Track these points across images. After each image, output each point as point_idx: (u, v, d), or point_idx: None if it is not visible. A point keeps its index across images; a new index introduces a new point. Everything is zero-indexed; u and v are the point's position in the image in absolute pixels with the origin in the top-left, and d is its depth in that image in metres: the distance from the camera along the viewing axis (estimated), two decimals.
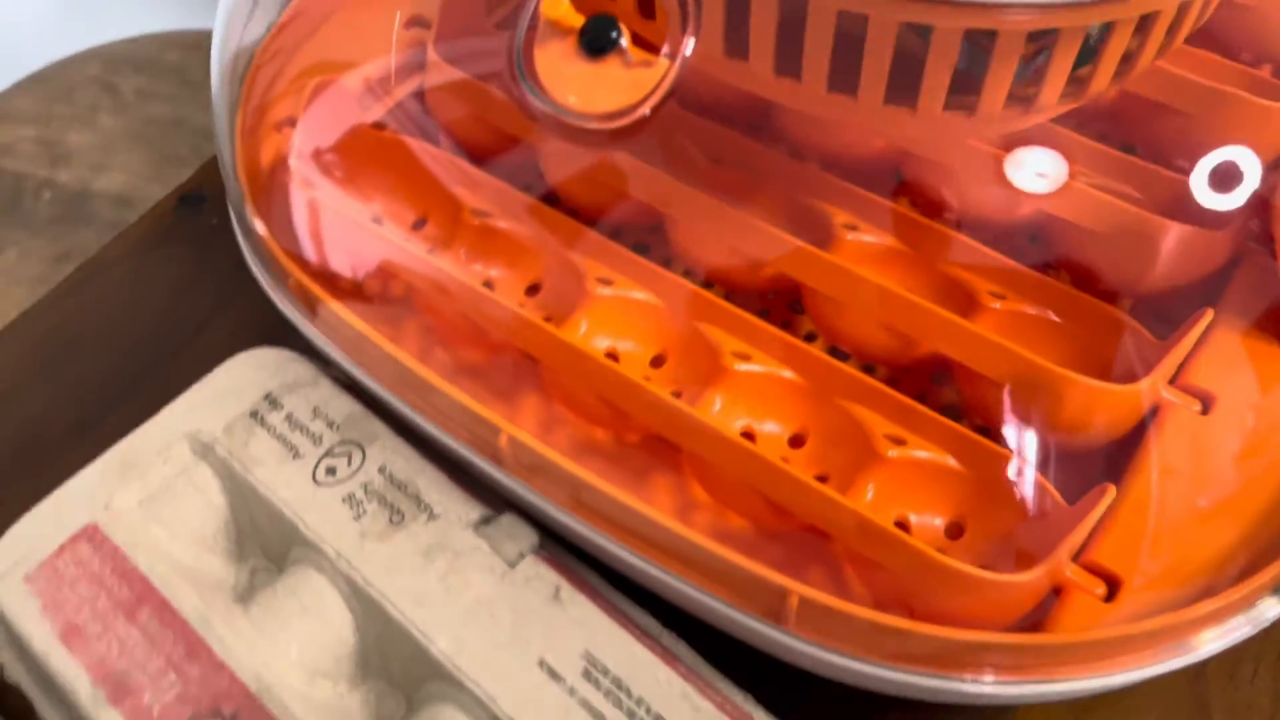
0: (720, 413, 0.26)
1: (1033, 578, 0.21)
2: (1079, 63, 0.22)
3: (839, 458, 0.26)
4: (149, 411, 0.27)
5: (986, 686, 0.21)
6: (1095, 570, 0.22)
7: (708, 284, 0.29)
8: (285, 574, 0.24)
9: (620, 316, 0.28)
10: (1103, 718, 0.26)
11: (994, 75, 0.22)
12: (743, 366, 0.27)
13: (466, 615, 0.22)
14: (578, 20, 0.21)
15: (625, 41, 0.20)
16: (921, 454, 0.25)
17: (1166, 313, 0.26)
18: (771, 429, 0.27)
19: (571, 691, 0.21)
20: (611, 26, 0.20)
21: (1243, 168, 0.23)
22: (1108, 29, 0.20)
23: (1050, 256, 0.27)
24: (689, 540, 0.22)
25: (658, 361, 0.28)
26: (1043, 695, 0.21)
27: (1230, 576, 0.22)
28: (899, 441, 0.25)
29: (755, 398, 0.27)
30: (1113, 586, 0.22)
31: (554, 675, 0.22)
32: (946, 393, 0.28)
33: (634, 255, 0.28)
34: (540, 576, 0.23)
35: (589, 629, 0.22)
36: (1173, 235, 0.24)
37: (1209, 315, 0.24)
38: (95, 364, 0.34)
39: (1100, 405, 0.23)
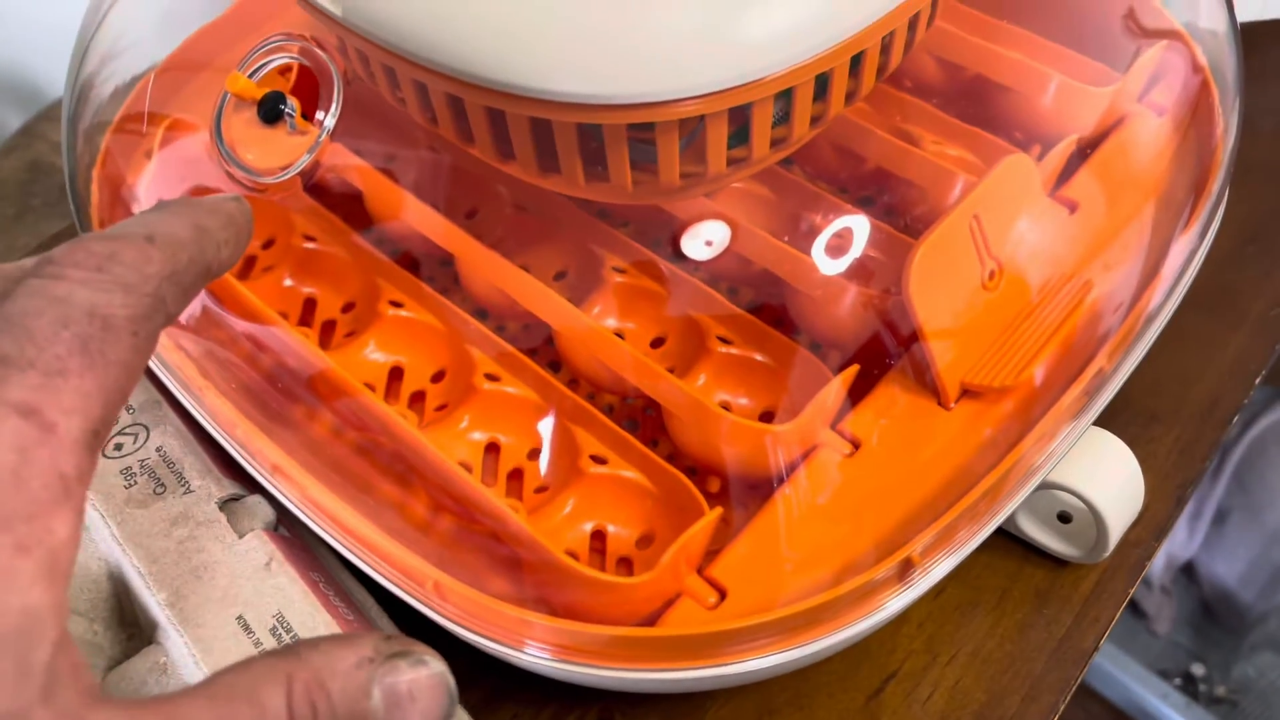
0: (466, 427, 0.30)
1: (641, 581, 0.25)
2: (733, 143, 0.25)
3: (558, 472, 0.30)
4: None
5: (608, 672, 0.25)
6: (711, 581, 0.25)
7: (481, 312, 0.33)
8: None
9: (406, 336, 0.32)
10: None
11: (662, 159, 0.25)
12: (490, 386, 0.31)
13: (190, 574, 0.27)
14: (259, 94, 0.25)
15: (291, 114, 0.25)
16: (619, 472, 0.28)
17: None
18: (510, 442, 0.30)
19: (257, 644, 0.26)
20: (281, 100, 0.25)
21: (855, 236, 0.26)
22: (742, 112, 0.24)
23: (766, 301, 0.31)
24: (370, 531, 0.26)
25: (437, 377, 0.32)
26: (650, 683, 0.25)
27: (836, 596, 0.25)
28: (600, 460, 0.29)
29: (500, 414, 0.31)
30: (722, 595, 0.25)
31: (247, 629, 0.26)
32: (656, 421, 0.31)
33: (423, 284, 0.32)
34: (258, 549, 0.27)
35: (285, 595, 0.26)
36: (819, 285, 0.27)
37: (855, 368, 0.27)
38: None
39: (743, 440, 0.27)
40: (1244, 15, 0.38)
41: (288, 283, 0.34)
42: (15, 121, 1.04)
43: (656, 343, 0.32)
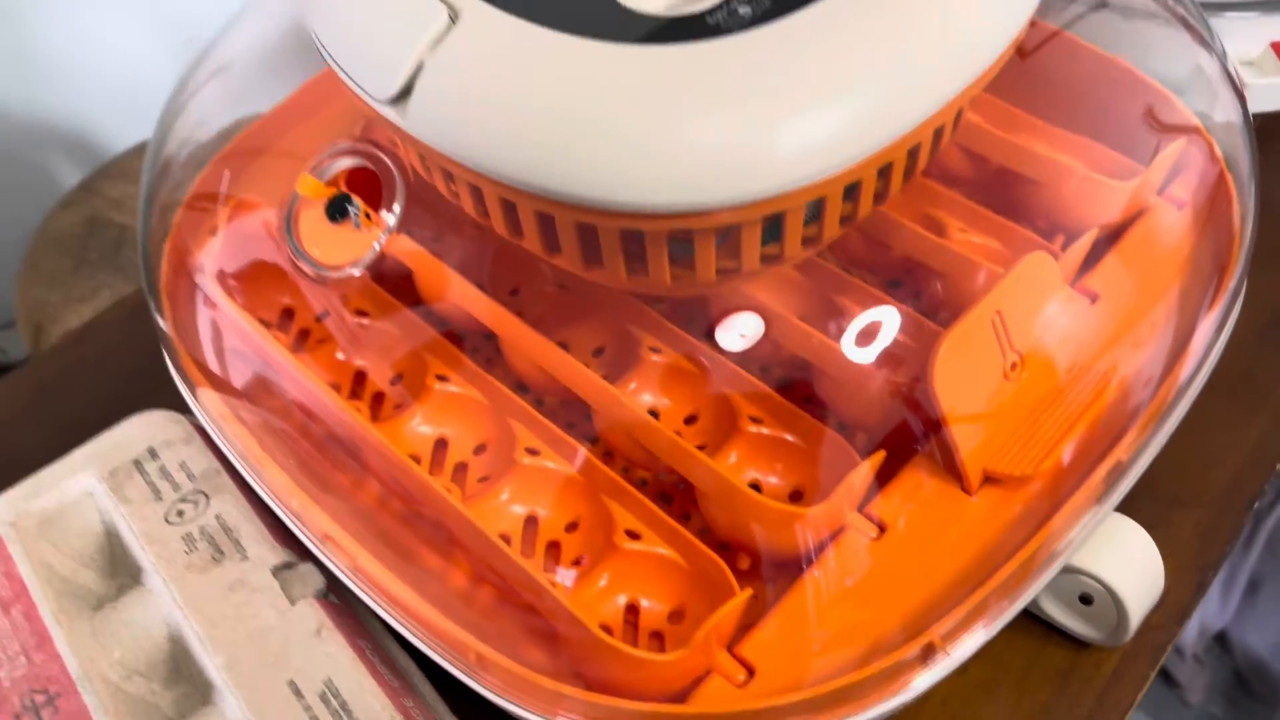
0: (507, 499, 0.32)
1: (673, 659, 0.26)
2: (766, 240, 0.27)
3: (594, 546, 0.31)
4: None
5: None
6: (740, 659, 0.26)
7: (522, 386, 0.34)
8: (130, 591, 0.30)
9: (451, 410, 0.34)
10: None
11: (699, 257, 0.27)
12: (530, 460, 0.32)
13: (246, 639, 0.28)
14: (327, 194, 0.27)
15: (355, 213, 0.27)
16: (653, 548, 0.30)
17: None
18: (548, 516, 0.32)
19: (307, 709, 0.27)
20: (346, 201, 0.27)
21: (883, 326, 0.28)
22: (776, 223, 0.25)
23: (796, 380, 0.32)
24: (415, 602, 0.27)
25: (480, 450, 0.34)
26: None
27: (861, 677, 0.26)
28: (635, 536, 0.30)
29: (539, 488, 0.32)
30: (751, 673, 0.26)
31: (298, 693, 0.27)
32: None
33: (468, 359, 0.34)
34: (310, 616, 0.29)
35: (334, 662, 0.28)
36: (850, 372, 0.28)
37: (881, 454, 0.28)
38: (76, 408, 0.42)
39: (773, 522, 0.28)
40: (1256, 107, 0.39)
41: (340, 356, 0.36)
42: (73, 177, 1.08)
43: (690, 420, 0.34)
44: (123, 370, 0.43)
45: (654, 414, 0.33)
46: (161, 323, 0.34)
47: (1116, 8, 0.37)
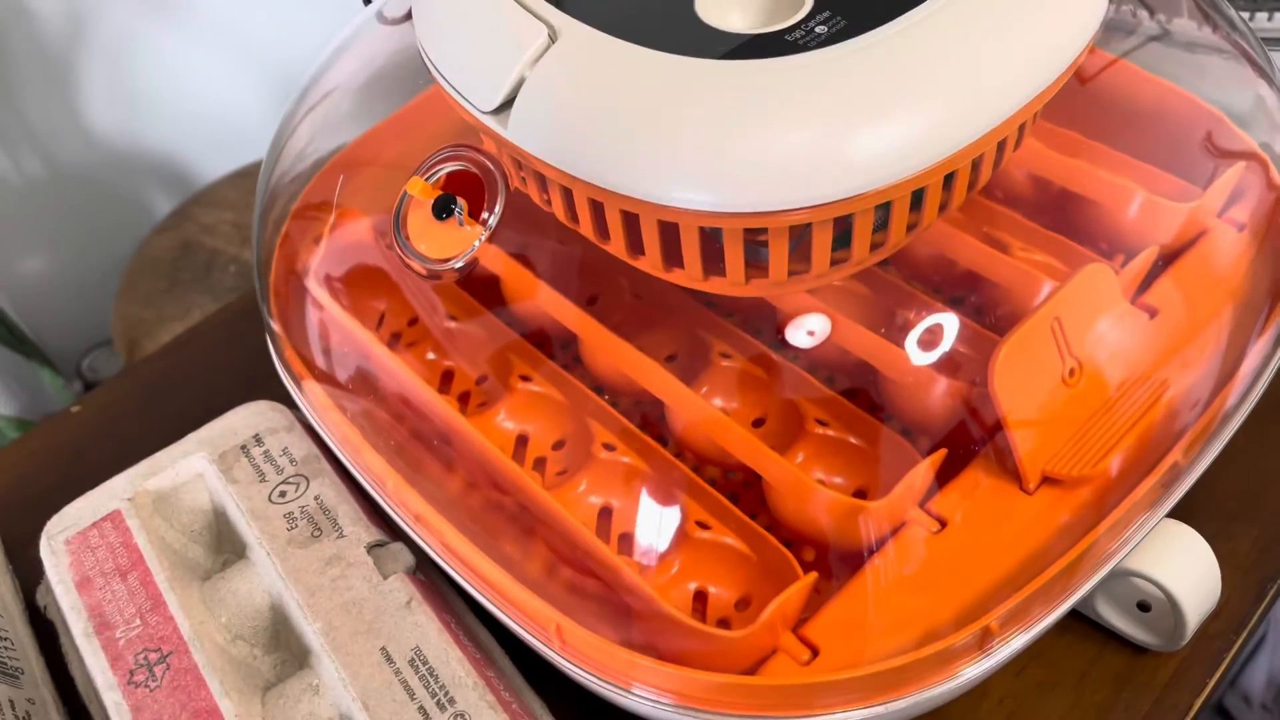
0: (584, 490, 0.34)
1: (742, 635, 0.27)
2: (836, 245, 0.29)
3: (667, 535, 0.33)
4: None
5: (708, 717, 0.27)
6: (804, 640, 0.28)
7: (598, 388, 0.37)
8: (237, 564, 0.32)
9: (533, 408, 0.36)
10: None
11: (773, 258, 0.28)
12: (606, 455, 0.34)
13: (341, 608, 0.30)
14: (434, 194, 0.30)
15: (460, 212, 0.29)
16: (722, 538, 0.31)
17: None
18: (622, 507, 0.34)
19: (397, 673, 0.29)
20: (451, 201, 0.29)
21: (945, 332, 0.29)
22: (845, 220, 0.27)
23: (860, 387, 0.34)
24: (500, 577, 0.29)
25: (558, 445, 0.36)
26: None
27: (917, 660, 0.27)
28: (705, 526, 0.32)
29: (615, 481, 0.34)
30: (815, 653, 0.28)
31: (389, 659, 0.29)
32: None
33: (549, 361, 0.36)
34: (400, 590, 0.31)
35: (422, 632, 0.30)
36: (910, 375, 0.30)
37: (942, 452, 0.30)
38: (181, 403, 0.45)
39: (838, 514, 0.29)
40: None
41: (430, 356, 0.38)
42: (167, 205, 1.14)
43: (758, 422, 0.35)
44: (223, 372, 0.46)
45: (725, 414, 0.35)
46: (271, 321, 0.37)
47: (1175, 39, 0.39)
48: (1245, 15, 0.45)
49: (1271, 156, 0.37)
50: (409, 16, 0.33)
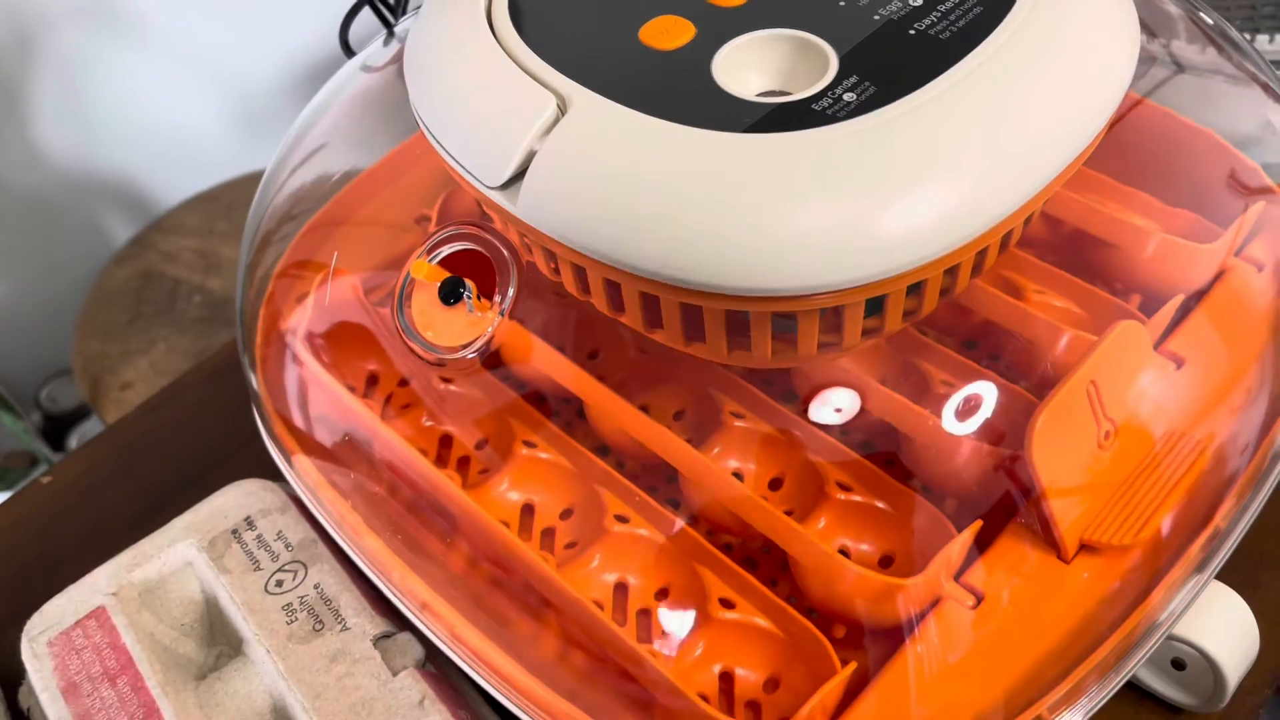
0: (597, 567, 0.32)
1: None
2: (867, 314, 0.27)
3: (685, 613, 0.31)
4: None
5: None
6: None
7: (604, 449, 0.35)
8: (232, 661, 0.31)
9: (538, 475, 0.34)
10: None
11: (802, 334, 0.27)
12: (620, 529, 0.32)
13: (349, 710, 0.29)
14: (440, 277, 0.28)
15: (469, 296, 0.27)
16: (750, 618, 0.30)
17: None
18: (639, 583, 0.32)
19: None
20: (459, 285, 0.27)
21: (973, 398, 0.28)
22: (877, 301, 0.26)
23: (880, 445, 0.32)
24: (515, 671, 0.28)
25: (566, 514, 0.34)
26: None
27: None
28: (729, 604, 0.30)
29: (629, 555, 0.32)
30: None
31: None
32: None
33: (551, 424, 0.34)
34: (412, 687, 0.29)
35: None
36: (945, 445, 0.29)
37: (978, 524, 0.28)
38: (160, 470, 0.43)
39: (870, 592, 0.28)
40: None
41: (426, 422, 0.36)
42: (125, 229, 1.11)
43: (774, 484, 0.34)
44: (203, 435, 0.44)
45: (738, 475, 0.34)
46: (256, 387, 0.35)
47: (1188, 67, 0.38)
48: (1247, 37, 0.44)
49: None
50: (394, 61, 0.32)
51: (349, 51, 0.37)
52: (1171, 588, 0.28)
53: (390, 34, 0.36)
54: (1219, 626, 0.30)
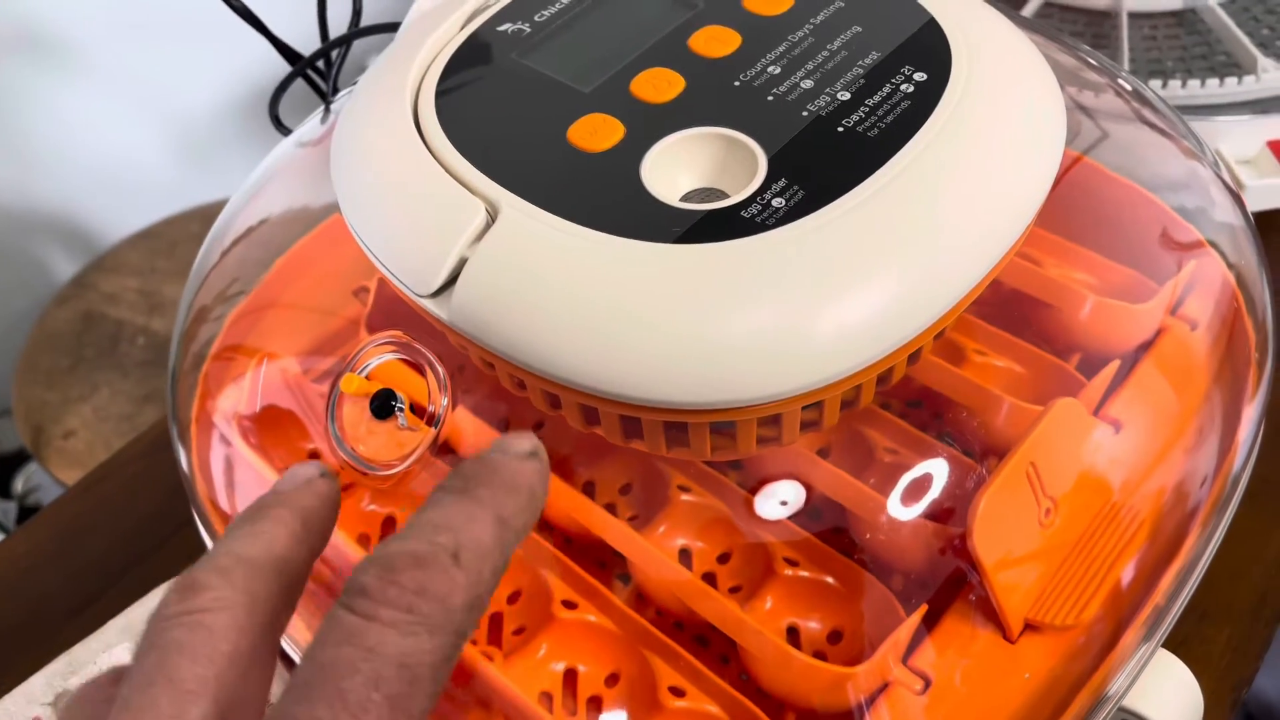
0: (543, 657, 0.32)
1: None
2: (805, 411, 0.27)
3: (639, 705, 0.31)
4: (132, 597, 0.34)
5: None
6: None
7: (547, 525, 0.35)
8: None
9: None
10: None
11: (740, 436, 0.27)
12: (567, 615, 0.32)
13: None
14: (371, 390, 0.27)
15: (401, 411, 0.27)
16: (702, 706, 0.30)
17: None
18: (588, 671, 0.32)
19: None
20: (392, 398, 0.27)
21: (932, 483, 0.28)
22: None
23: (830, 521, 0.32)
24: None
25: (513, 598, 0.34)
26: None
27: None
28: (679, 692, 0.30)
29: (578, 642, 0.32)
30: None
31: None
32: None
33: None
34: None
35: None
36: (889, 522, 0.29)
37: (924, 608, 0.28)
38: (98, 551, 0.42)
39: (819, 680, 0.28)
40: (1255, 206, 0.40)
41: (370, 507, 0.36)
42: (67, 265, 1.08)
43: (723, 558, 0.34)
44: (140, 516, 0.43)
45: (686, 552, 0.33)
46: (186, 468, 0.34)
47: (1109, 130, 0.38)
48: (1158, 85, 0.45)
49: (1215, 238, 0.36)
50: (329, 135, 0.31)
51: (281, 127, 0.36)
52: (1119, 661, 0.28)
53: (326, 110, 0.36)
54: (1166, 697, 0.30)
